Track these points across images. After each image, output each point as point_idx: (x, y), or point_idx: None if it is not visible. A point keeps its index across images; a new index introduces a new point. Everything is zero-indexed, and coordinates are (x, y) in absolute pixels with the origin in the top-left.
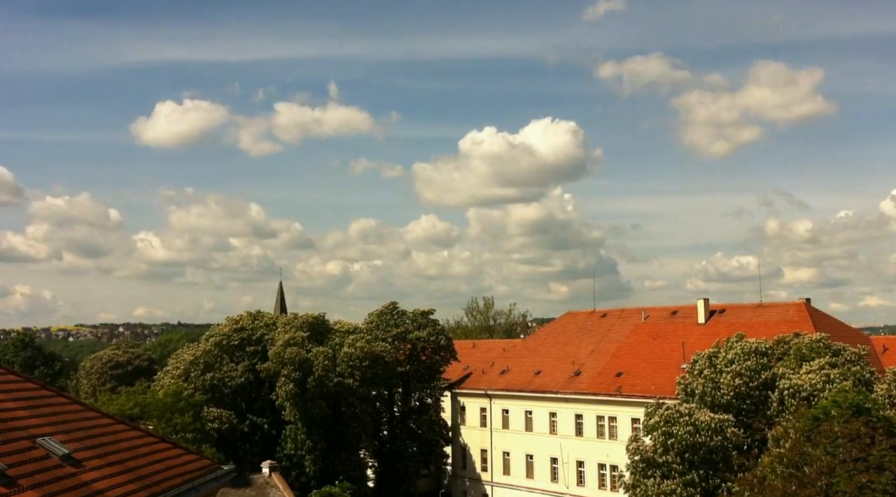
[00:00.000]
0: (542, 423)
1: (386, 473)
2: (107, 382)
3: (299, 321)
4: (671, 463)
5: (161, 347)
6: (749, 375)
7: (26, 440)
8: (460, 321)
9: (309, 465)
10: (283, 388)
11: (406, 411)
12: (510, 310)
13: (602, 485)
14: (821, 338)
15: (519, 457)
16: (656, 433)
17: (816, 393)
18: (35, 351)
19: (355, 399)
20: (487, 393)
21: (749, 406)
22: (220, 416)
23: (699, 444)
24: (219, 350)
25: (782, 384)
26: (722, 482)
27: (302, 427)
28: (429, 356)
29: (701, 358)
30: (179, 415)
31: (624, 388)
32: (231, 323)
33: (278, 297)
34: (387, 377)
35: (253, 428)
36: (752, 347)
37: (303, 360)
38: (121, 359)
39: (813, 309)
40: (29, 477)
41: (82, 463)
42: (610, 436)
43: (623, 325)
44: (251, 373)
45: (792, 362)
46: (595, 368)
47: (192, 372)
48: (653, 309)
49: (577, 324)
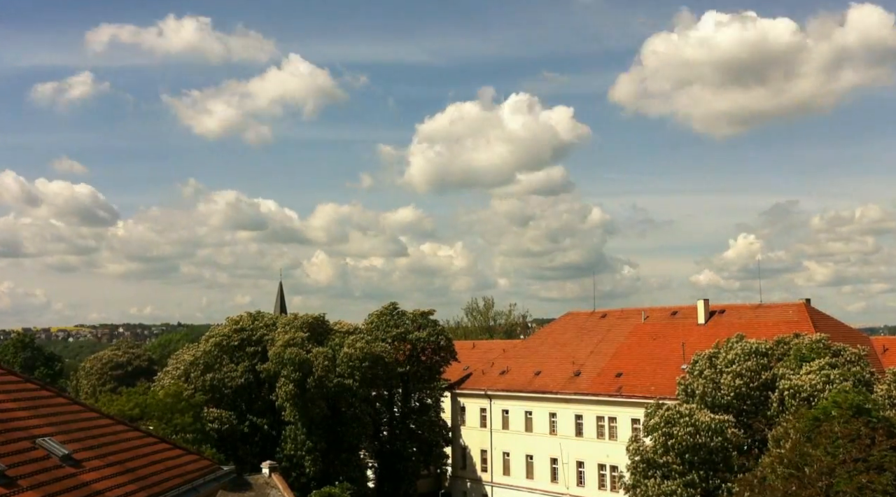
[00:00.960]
0: (542, 423)
1: (386, 474)
2: (107, 383)
3: (299, 322)
4: (671, 463)
5: (161, 348)
6: (749, 376)
7: (26, 441)
8: (460, 322)
9: (309, 466)
10: (283, 389)
11: (406, 412)
12: (510, 310)
13: (602, 485)
14: (821, 338)
15: (519, 457)
16: (656, 434)
17: (816, 393)
18: (35, 351)
19: (355, 399)
20: (487, 393)
21: (749, 406)
22: (220, 417)
23: (699, 445)
24: (219, 350)
25: (782, 385)
26: (722, 483)
27: (302, 427)
28: (429, 357)
29: (701, 358)
30: (179, 415)
31: (624, 388)
32: (231, 323)
33: (278, 298)
34: (387, 378)
35: (253, 428)
36: (753, 348)
37: (303, 360)
38: (121, 359)
39: (813, 309)
40: (29, 477)
41: (82, 463)
42: (610, 436)
43: (623, 325)
44: (251, 373)
45: (792, 363)
46: (595, 369)
47: (192, 372)
48: (653, 309)
49: (577, 324)
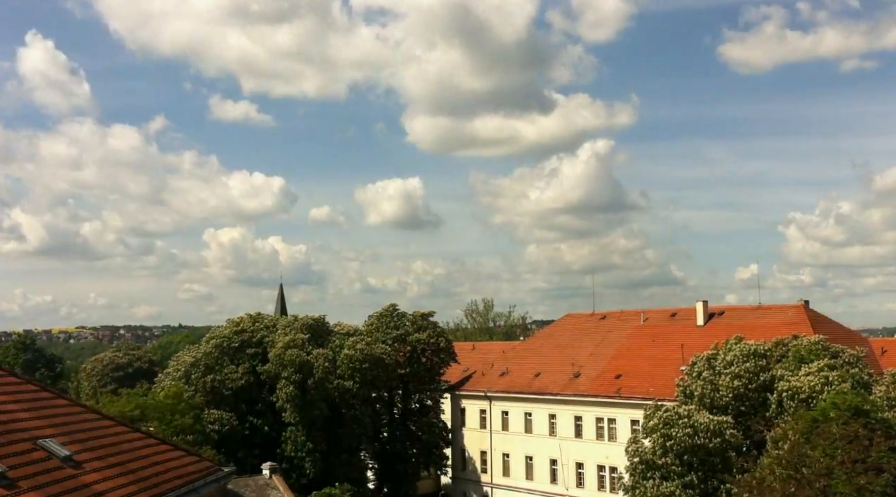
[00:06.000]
0: (541, 424)
1: (386, 475)
2: (107, 384)
3: (299, 323)
4: (670, 465)
5: (162, 349)
6: (748, 377)
7: (27, 442)
8: (460, 323)
9: (309, 467)
10: (284, 390)
11: (406, 413)
12: (510, 312)
13: (601, 486)
14: (819, 340)
15: (518, 458)
16: (655, 435)
17: (815, 395)
18: (36, 353)
19: (355, 401)
20: (487, 395)
21: (748, 408)
22: (221, 418)
23: (698, 446)
24: (219, 352)
25: (781, 386)
26: (721, 484)
27: (302, 429)
28: (429, 358)
29: (700, 360)
30: (180, 417)
31: (623, 389)
32: (231, 325)
33: (279, 299)
34: (387, 379)
35: (253, 430)
36: (751, 349)
37: (303, 362)
38: (121, 361)
39: (812, 311)
40: (30, 479)
41: (83, 465)
42: (609, 437)
43: (622, 327)
44: (251, 375)
45: (790, 364)
46: (594, 370)
47: (193, 374)
48: (652, 311)
49: (576, 326)
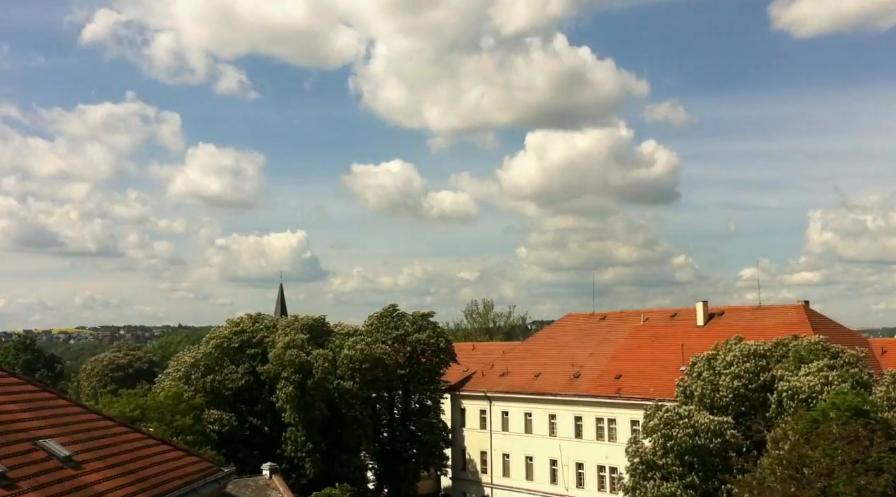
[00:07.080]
0: (541, 425)
1: (386, 475)
2: (107, 385)
3: (299, 324)
4: (670, 465)
5: (162, 350)
6: (748, 377)
7: (27, 442)
8: (460, 324)
9: (309, 468)
10: (284, 391)
11: (406, 413)
12: (510, 312)
13: (601, 487)
14: (819, 340)
15: (519, 459)
16: (655, 435)
17: (815, 395)
18: (36, 353)
19: (355, 401)
20: (487, 395)
21: (748, 408)
22: (221, 419)
23: (698, 447)
24: (219, 352)
25: (781, 386)
26: (721, 484)
27: (302, 429)
28: (429, 358)
29: (700, 360)
30: (180, 417)
31: (623, 390)
32: (231, 325)
33: (279, 300)
34: (387, 379)
35: (253, 430)
36: (751, 350)
37: (303, 362)
38: (121, 361)
39: (811, 311)
40: (30, 479)
41: (83, 465)
42: (609, 438)
43: (622, 327)
44: (251, 375)
45: (791, 364)
46: (594, 371)
47: (193, 374)
48: (652, 311)
49: (576, 326)
